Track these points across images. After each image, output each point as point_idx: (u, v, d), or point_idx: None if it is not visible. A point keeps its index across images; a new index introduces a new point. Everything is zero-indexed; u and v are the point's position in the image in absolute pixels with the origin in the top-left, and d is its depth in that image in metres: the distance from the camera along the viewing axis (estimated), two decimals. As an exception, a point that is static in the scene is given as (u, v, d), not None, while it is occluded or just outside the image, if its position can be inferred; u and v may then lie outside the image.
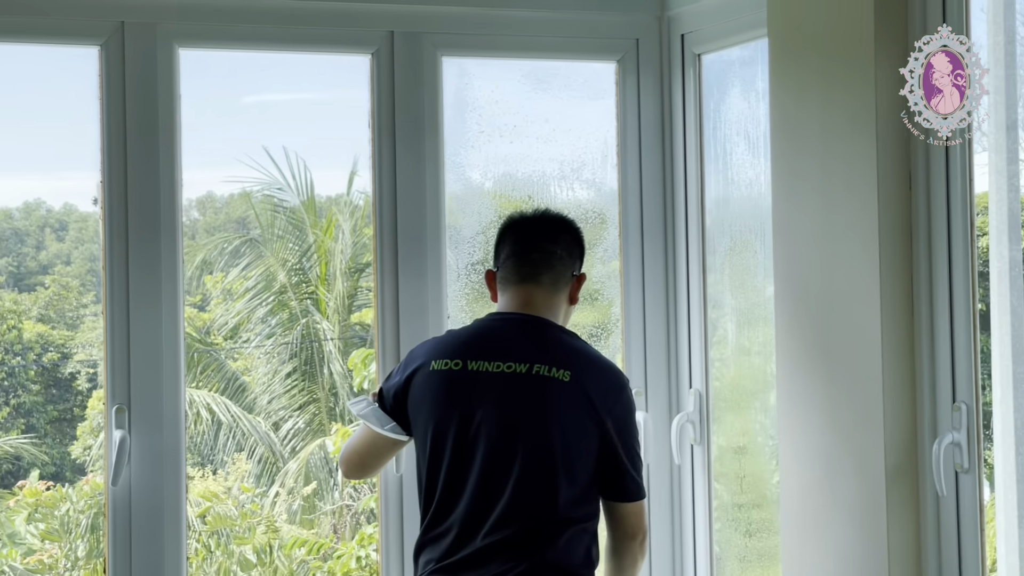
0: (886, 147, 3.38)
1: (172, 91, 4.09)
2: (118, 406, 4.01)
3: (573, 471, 3.19)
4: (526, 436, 3.20)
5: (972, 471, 3.31)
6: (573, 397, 3.20)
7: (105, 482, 4.03)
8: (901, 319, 3.41)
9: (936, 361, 3.38)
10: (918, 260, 3.40)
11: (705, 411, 4.42)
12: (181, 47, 4.12)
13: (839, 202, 3.51)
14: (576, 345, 3.32)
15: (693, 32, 4.41)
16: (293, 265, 13.20)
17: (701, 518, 4.46)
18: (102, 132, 4.06)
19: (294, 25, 4.19)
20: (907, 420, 3.41)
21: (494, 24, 4.36)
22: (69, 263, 15.65)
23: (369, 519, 10.94)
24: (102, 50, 4.04)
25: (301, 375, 12.73)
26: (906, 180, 3.41)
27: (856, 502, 3.48)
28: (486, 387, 3.25)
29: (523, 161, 4.67)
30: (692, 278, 4.45)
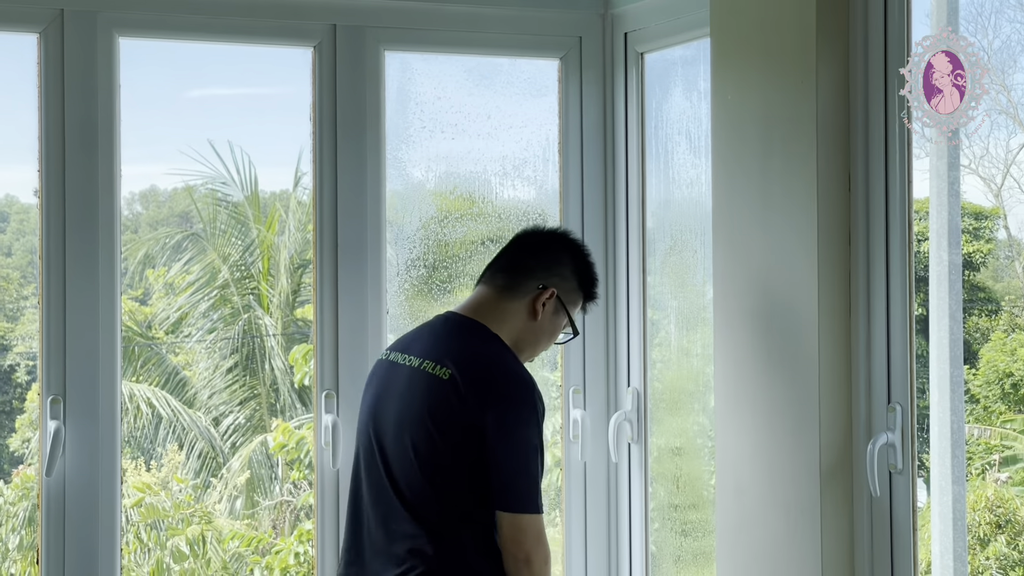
0: (826, 149, 3.40)
1: (112, 81, 4.06)
2: (53, 397, 3.98)
3: (436, 470, 3.14)
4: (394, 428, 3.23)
5: (906, 472, 3.33)
6: (444, 394, 3.15)
7: (39, 473, 4.00)
8: (838, 320, 3.42)
9: (872, 362, 3.40)
10: (856, 261, 3.42)
11: (643, 410, 4.43)
12: (121, 36, 4.08)
13: (779, 203, 3.52)
14: (478, 349, 3.25)
15: (636, 31, 4.41)
16: (236, 260, 13.14)
17: (637, 517, 4.46)
18: (40, 121, 4.02)
19: (236, 16, 4.16)
20: (842, 420, 3.43)
21: (437, 19, 4.35)
22: (10, 255, 15.50)
23: (308, 515, 10.91)
24: (41, 38, 4.00)
25: (242, 370, 12.67)
26: (846, 182, 3.42)
27: (791, 501, 3.49)
28: (389, 374, 3.32)
29: (465, 158, 4.66)
30: (632, 277, 4.46)
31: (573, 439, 4.49)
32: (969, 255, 5.36)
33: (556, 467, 4.66)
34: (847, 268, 3.43)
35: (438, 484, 3.14)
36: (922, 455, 3.57)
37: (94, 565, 4.04)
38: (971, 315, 5.50)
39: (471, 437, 3.10)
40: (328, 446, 4.18)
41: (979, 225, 5.32)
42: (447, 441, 3.13)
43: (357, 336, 4.23)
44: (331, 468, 4.19)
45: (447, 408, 3.13)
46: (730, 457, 3.74)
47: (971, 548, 5.03)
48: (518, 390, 3.16)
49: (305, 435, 9.41)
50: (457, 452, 3.12)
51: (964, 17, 3.62)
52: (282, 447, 9.47)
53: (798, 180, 3.45)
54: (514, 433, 3.11)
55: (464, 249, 4.75)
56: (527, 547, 3.11)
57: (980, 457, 5.61)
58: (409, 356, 3.28)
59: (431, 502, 3.14)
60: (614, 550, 4.55)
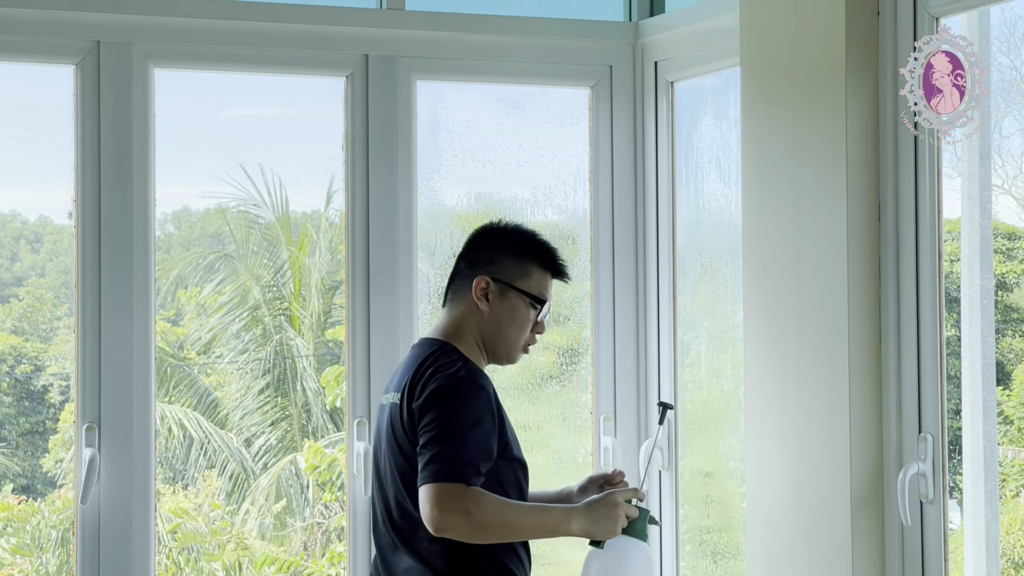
0: (856, 175, 3.41)
1: (147, 111, 4.10)
2: (88, 424, 4.01)
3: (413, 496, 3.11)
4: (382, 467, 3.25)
5: (937, 501, 3.33)
6: (397, 416, 3.16)
7: (75, 500, 4.03)
8: (869, 347, 3.43)
9: (902, 390, 3.40)
10: (886, 288, 3.43)
11: (674, 436, 4.43)
12: (156, 67, 4.13)
13: (809, 229, 3.53)
14: (420, 361, 3.19)
15: (666, 60, 4.43)
16: (267, 281, 13.16)
17: (668, 544, 4.46)
18: (76, 149, 4.06)
19: (270, 47, 4.20)
20: (873, 449, 3.43)
21: (469, 49, 4.38)
22: (43, 275, 15.56)
23: (340, 537, 10.91)
24: (78, 69, 4.05)
25: (274, 391, 12.67)
26: (875, 208, 3.43)
27: (822, 530, 3.49)
28: (379, 417, 3.34)
29: (495, 185, 4.68)
30: (662, 303, 4.46)
31: (604, 467, 4.50)
32: (1002, 276, 5.34)
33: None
34: (877, 292, 3.44)
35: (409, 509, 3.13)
36: (955, 477, 3.56)
37: (129, 590, 4.07)
38: (1004, 336, 5.48)
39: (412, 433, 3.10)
40: (360, 473, 4.20)
41: (1012, 246, 5.29)
42: (412, 462, 3.10)
43: (389, 363, 4.24)
44: (363, 495, 4.21)
45: (400, 428, 3.14)
46: (760, 485, 3.74)
47: (1005, 571, 5.01)
48: (445, 379, 3.09)
49: (337, 457, 9.41)
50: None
51: (996, 37, 3.62)
52: (314, 468, 9.46)
53: (828, 204, 3.46)
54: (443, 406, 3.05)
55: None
56: (430, 514, 2.99)
57: (1014, 479, 5.57)
58: (386, 395, 3.31)
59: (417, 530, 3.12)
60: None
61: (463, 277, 3.34)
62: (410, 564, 3.14)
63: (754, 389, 3.76)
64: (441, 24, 4.34)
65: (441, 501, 2.98)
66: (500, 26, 4.40)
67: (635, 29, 4.51)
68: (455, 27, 4.35)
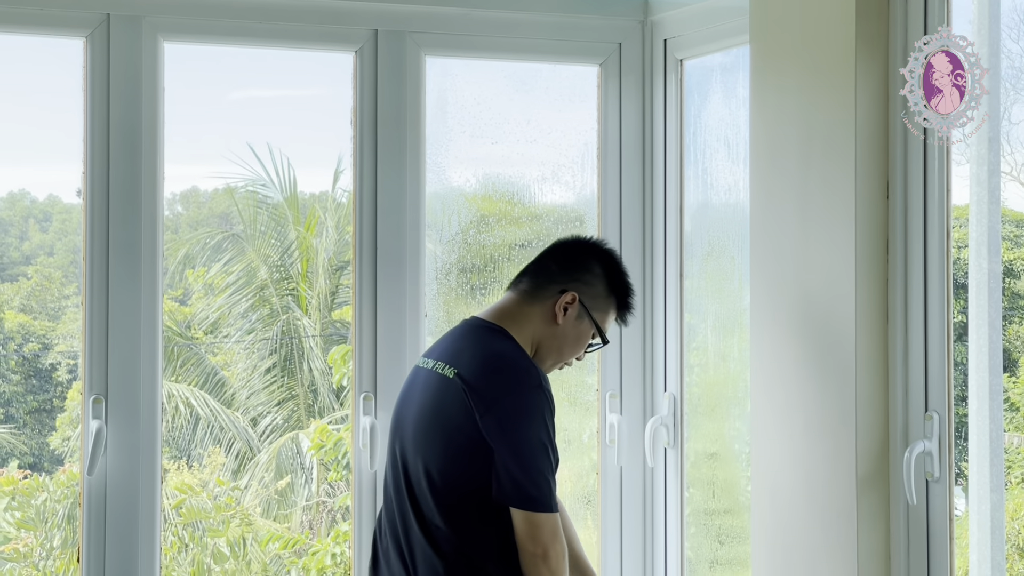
0: (865, 155, 3.40)
1: (156, 84, 4.10)
2: (95, 396, 4.02)
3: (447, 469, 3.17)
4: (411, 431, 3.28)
5: (943, 480, 3.33)
6: (451, 391, 3.18)
7: (81, 471, 4.04)
8: (876, 327, 3.42)
9: (909, 369, 3.40)
10: (894, 268, 3.42)
11: (679, 415, 4.44)
12: (166, 40, 4.13)
13: (817, 209, 3.52)
14: (487, 348, 3.26)
15: (676, 37, 4.42)
16: (275, 261, 13.19)
17: (673, 522, 4.47)
18: (86, 123, 4.06)
19: (279, 21, 4.20)
20: (879, 428, 3.43)
21: (478, 25, 4.37)
22: (52, 254, 15.61)
23: (344, 516, 10.94)
24: (87, 42, 4.05)
25: (281, 371, 12.72)
26: (884, 188, 3.42)
27: (827, 508, 3.49)
28: (413, 378, 3.39)
29: (504, 162, 4.68)
30: (669, 283, 4.46)
31: (609, 443, 4.50)
32: (1010, 262, 5.34)
33: (592, 472, 4.67)
34: (884, 275, 3.43)
35: (449, 483, 3.17)
36: (960, 464, 3.56)
37: (134, 563, 4.08)
38: (1011, 323, 5.47)
39: (478, 435, 3.12)
40: (366, 448, 4.21)
41: (1020, 232, 5.30)
42: (456, 440, 3.16)
43: (395, 338, 4.26)
44: (369, 470, 4.22)
45: (453, 406, 3.16)
46: (765, 463, 3.74)
47: (1009, 557, 5.01)
48: (521, 384, 3.16)
49: (343, 436, 9.43)
50: (466, 451, 3.14)
51: (1006, 24, 3.61)
52: (319, 447, 9.50)
53: (837, 186, 3.45)
54: (520, 427, 3.12)
55: (501, 253, 4.77)
56: (544, 543, 3.12)
57: (1019, 466, 5.58)
58: (429, 360, 3.33)
59: (444, 505, 3.17)
60: (650, 555, 4.55)
61: (550, 279, 3.38)
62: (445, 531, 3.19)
63: (760, 366, 3.76)
64: (451, 0, 4.33)
65: (557, 530, 3.14)
66: (510, 2, 4.38)
67: (645, 6, 4.50)
68: (465, 3, 4.34)
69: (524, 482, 3.10)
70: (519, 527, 3.13)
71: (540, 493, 3.12)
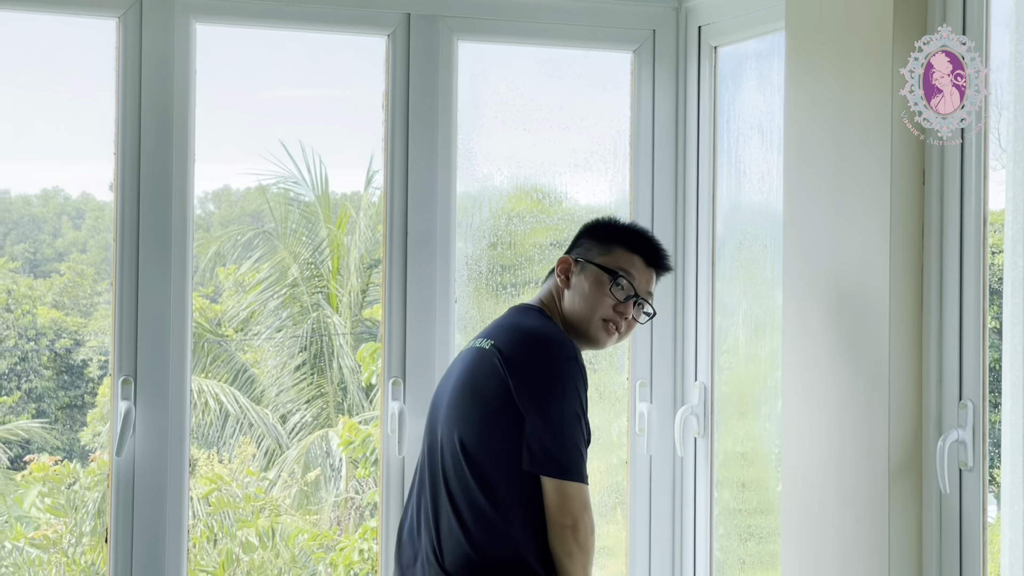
0: (900, 143, 3.37)
1: (188, 66, 4.10)
2: (124, 377, 4.02)
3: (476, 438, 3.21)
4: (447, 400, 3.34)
5: (976, 469, 3.30)
6: (487, 361, 3.24)
7: (110, 453, 4.04)
8: (910, 316, 3.39)
9: (943, 357, 3.37)
10: (929, 256, 3.39)
11: (710, 404, 4.41)
12: (198, 22, 4.12)
13: (851, 195, 3.50)
14: (522, 322, 3.36)
15: (710, 24, 4.40)
16: (305, 259, 13.20)
17: (703, 514, 4.44)
18: (118, 107, 4.07)
19: (312, 4, 4.19)
20: (913, 416, 3.40)
21: (511, 9, 4.36)
22: (85, 251, 15.68)
23: (372, 513, 10.94)
24: (120, 22, 4.05)
25: (310, 368, 12.73)
26: (919, 177, 3.40)
27: (859, 497, 3.46)
28: (454, 361, 3.48)
29: (535, 149, 4.65)
30: (701, 270, 4.44)
31: (639, 432, 4.48)
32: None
33: (621, 467, 4.65)
34: (919, 262, 3.40)
35: (481, 453, 3.20)
36: (992, 471, 3.52)
37: (161, 546, 4.07)
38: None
39: (512, 405, 3.15)
40: (394, 433, 4.20)
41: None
42: (491, 410, 3.19)
43: (425, 325, 4.25)
44: (397, 456, 4.20)
45: (488, 376, 3.22)
46: (797, 453, 3.72)
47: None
48: (555, 355, 3.21)
49: (371, 432, 9.43)
50: (500, 421, 3.17)
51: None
52: (348, 443, 9.50)
53: (872, 172, 3.42)
54: (553, 397, 3.16)
55: (533, 240, 4.76)
56: (574, 514, 3.14)
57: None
58: (473, 340, 3.41)
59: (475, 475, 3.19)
60: (678, 548, 4.52)
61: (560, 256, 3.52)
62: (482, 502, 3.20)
63: (792, 354, 3.74)
64: (484, -16, 4.33)
65: (587, 503, 3.16)
66: (544, -13, 4.38)
67: (679, -7, 4.50)
68: (498, -13, 4.34)
69: (555, 450, 3.12)
70: (549, 497, 3.14)
71: (571, 462, 3.13)
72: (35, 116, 15.24)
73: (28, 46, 13.61)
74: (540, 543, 3.17)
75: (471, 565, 3.16)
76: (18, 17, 4.24)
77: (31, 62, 13.84)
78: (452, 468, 3.23)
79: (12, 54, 13.49)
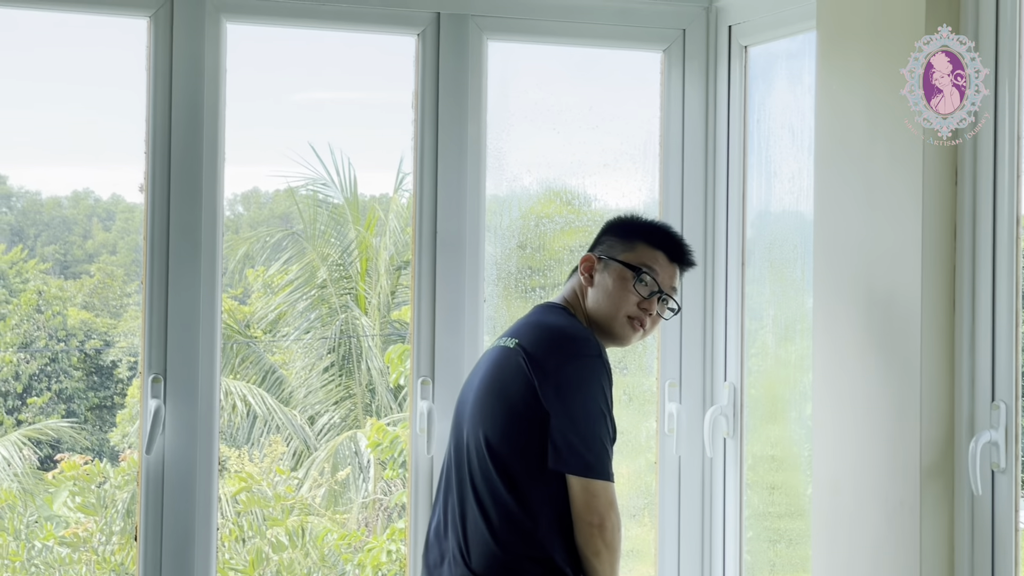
0: (932, 143, 3.35)
1: (219, 65, 4.10)
2: (154, 376, 4.03)
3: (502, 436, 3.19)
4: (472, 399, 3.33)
5: (1009, 470, 3.27)
6: (512, 360, 3.23)
7: (139, 450, 4.05)
8: (942, 316, 3.37)
9: (976, 358, 3.34)
10: (961, 256, 3.37)
11: (739, 405, 4.39)
12: (229, 21, 4.13)
13: (882, 194, 3.48)
14: (546, 320, 3.34)
15: (741, 23, 4.39)
16: (334, 260, 13.23)
17: (732, 515, 4.42)
18: (148, 105, 4.07)
19: (341, 3, 4.19)
20: (944, 417, 3.38)
21: (541, 9, 4.35)
22: (115, 252, 15.75)
23: (400, 514, 10.95)
24: (151, 21, 4.05)
25: (339, 370, 12.76)
26: (952, 177, 3.37)
27: (889, 498, 3.44)
28: (479, 360, 3.47)
29: (564, 149, 4.65)
30: (731, 271, 4.43)
31: (668, 432, 4.47)
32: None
33: (650, 471, 4.63)
34: (952, 262, 3.38)
35: (507, 451, 3.18)
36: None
37: (191, 544, 4.07)
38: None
39: (537, 403, 3.14)
40: (423, 432, 4.19)
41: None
42: (515, 408, 3.18)
43: (454, 325, 4.24)
44: (425, 455, 4.20)
45: (513, 374, 3.20)
46: (827, 453, 3.70)
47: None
48: (580, 352, 3.19)
49: (399, 434, 9.44)
50: (525, 419, 3.16)
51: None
52: (376, 445, 9.51)
53: (903, 171, 3.40)
54: (579, 394, 3.14)
55: (562, 242, 4.75)
56: (600, 512, 3.12)
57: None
58: (498, 340, 3.40)
59: (501, 474, 3.18)
60: (707, 551, 4.51)
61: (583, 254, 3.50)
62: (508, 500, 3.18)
63: (823, 354, 3.72)
64: (514, -17, 4.33)
65: (613, 501, 3.14)
66: (574, -14, 4.37)
67: (710, -8, 4.48)
68: (528, -14, 4.33)
69: (581, 448, 3.11)
70: (575, 496, 3.13)
71: (597, 460, 3.12)
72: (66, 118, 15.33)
73: (58, 48, 13.69)
74: (567, 542, 3.16)
75: (498, 564, 3.15)
76: (48, 18, 4.26)
77: (61, 64, 13.91)
78: (478, 468, 3.22)
79: (42, 56, 13.56)
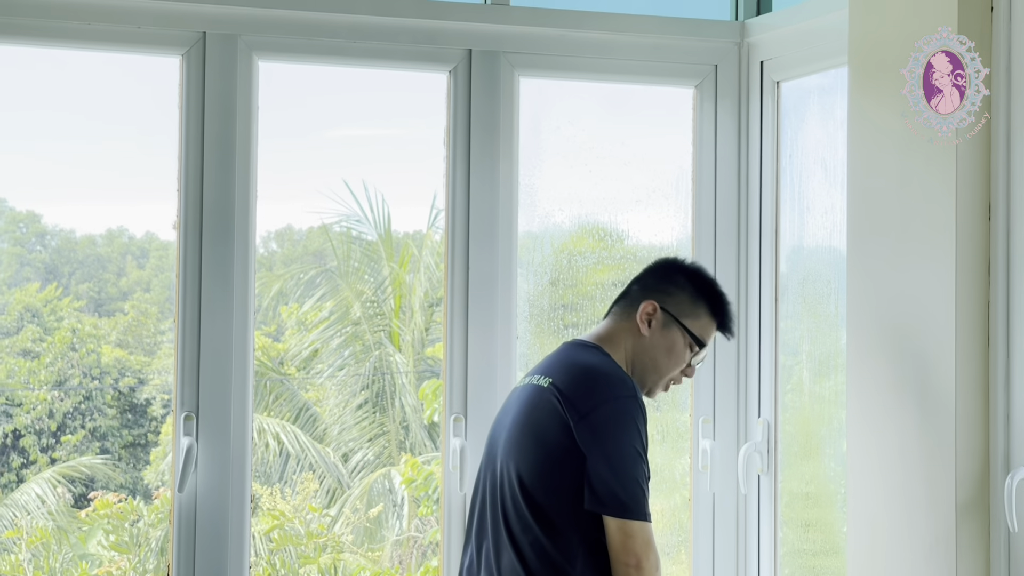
0: (965, 173, 3.34)
1: (250, 102, 4.13)
2: (187, 413, 4.03)
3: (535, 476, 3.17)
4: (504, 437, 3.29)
5: (1045, 507, 3.25)
6: (545, 399, 3.20)
7: (172, 488, 4.05)
8: (977, 351, 3.35)
9: (1011, 394, 3.32)
10: (995, 289, 3.35)
11: (773, 441, 4.37)
12: (261, 59, 4.15)
13: (916, 228, 3.47)
14: (582, 360, 3.30)
15: (773, 59, 4.39)
16: (368, 297, 13.25)
17: (767, 552, 4.40)
18: (181, 142, 4.10)
19: (374, 40, 4.22)
20: (980, 453, 3.35)
21: (573, 45, 4.37)
22: (148, 290, 15.80)
23: (434, 552, 10.93)
24: (184, 60, 4.09)
25: (372, 407, 12.75)
26: (985, 211, 3.36)
27: (926, 536, 3.42)
28: (512, 394, 3.43)
29: (597, 186, 4.65)
30: (764, 306, 4.42)
31: (702, 469, 4.45)
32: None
33: (684, 508, 4.61)
34: (986, 296, 3.36)
35: (540, 490, 3.16)
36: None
37: (223, 581, 4.08)
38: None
39: (571, 443, 3.12)
40: (456, 469, 4.19)
41: None
42: (549, 448, 3.16)
43: (487, 362, 4.25)
44: (459, 492, 4.19)
45: (547, 414, 3.18)
46: (862, 490, 3.68)
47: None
48: (615, 392, 3.18)
49: (433, 470, 9.44)
50: (559, 459, 3.14)
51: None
52: (410, 482, 9.50)
53: (936, 206, 3.39)
54: (614, 435, 3.13)
55: (594, 279, 4.75)
56: (637, 553, 3.10)
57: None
58: (526, 377, 3.38)
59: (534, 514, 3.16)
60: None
61: (632, 298, 3.44)
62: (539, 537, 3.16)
63: (856, 391, 3.70)
64: (545, 20, 4.33)
65: (650, 541, 3.12)
66: (605, 23, 4.38)
67: (741, 28, 4.48)
68: (559, 23, 4.34)
69: (617, 489, 3.09)
70: (612, 536, 3.11)
71: (634, 501, 3.10)
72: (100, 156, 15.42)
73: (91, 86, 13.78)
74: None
75: None
76: (81, 56, 4.30)
77: (94, 101, 14.00)
78: (512, 508, 3.20)
79: (74, 94, 13.65)
